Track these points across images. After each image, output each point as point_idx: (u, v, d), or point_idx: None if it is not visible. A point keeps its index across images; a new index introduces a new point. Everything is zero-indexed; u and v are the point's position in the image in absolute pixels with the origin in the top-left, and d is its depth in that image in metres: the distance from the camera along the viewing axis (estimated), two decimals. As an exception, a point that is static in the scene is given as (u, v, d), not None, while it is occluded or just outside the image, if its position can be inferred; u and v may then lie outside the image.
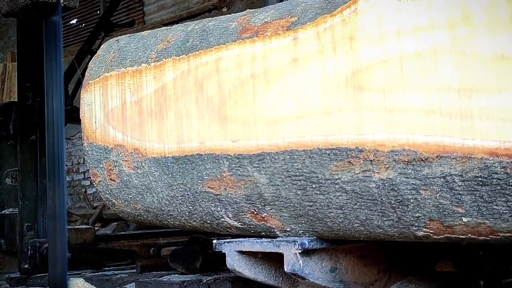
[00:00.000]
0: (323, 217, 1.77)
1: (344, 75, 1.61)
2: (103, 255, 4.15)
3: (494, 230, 1.48)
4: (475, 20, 1.41)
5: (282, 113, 1.74)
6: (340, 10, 1.64)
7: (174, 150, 2.02)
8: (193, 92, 1.96)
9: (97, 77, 2.28)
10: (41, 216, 3.90)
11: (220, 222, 2.06)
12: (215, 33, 1.97)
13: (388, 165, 1.54)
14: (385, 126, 1.54)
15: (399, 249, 2.13)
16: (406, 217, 1.60)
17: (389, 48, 1.54)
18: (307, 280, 1.90)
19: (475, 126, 1.39)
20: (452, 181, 1.46)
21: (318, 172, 1.69)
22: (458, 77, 1.42)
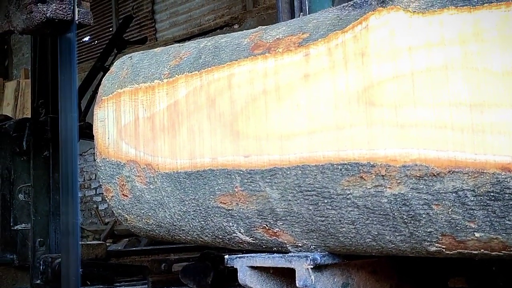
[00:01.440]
0: (335, 232, 1.78)
1: (356, 91, 1.62)
2: (114, 270, 4.17)
3: (507, 245, 1.48)
4: (486, 36, 1.42)
5: (294, 129, 1.75)
6: (351, 27, 1.66)
7: (187, 166, 2.03)
8: (205, 108, 1.98)
9: (111, 93, 2.30)
10: (53, 232, 3.93)
11: (232, 237, 2.06)
12: (227, 49, 1.99)
13: (400, 180, 1.55)
14: (396, 141, 1.54)
15: (411, 265, 2.13)
16: (418, 232, 1.60)
17: (401, 64, 1.55)
18: (319, 295, 1.90)
19: (487, 141, 1.40)
20: (464, 196, 1.46)
21: (330, 187, 1.69)
22: (470, 92, 1.43)
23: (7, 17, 3.22)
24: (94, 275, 4.00)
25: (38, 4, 2.84)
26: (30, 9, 2.90)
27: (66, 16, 2.80)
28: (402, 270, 2.15)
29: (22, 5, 3.05)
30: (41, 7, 2.82)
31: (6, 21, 3.23)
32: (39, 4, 2.83)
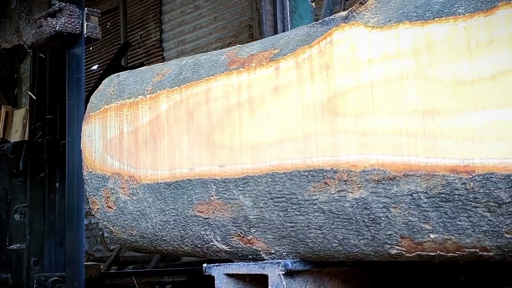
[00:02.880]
0: (304, 238, 1.86)
1: (321, 102, 1.72)
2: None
3: (460, 246, 1.56)
4: (437, 48, 1.52)
5: (265, 139, 1.85)
6: (317, 42, 1.77)
7: (167, 176, 2.12)
8: (185, 121, 2.08)
9: (98, 110, 2.41)
10: (47, 251, 4.00)
11: (209, 246, 2.14)
12: (206, 65, 2.10)
13: (360, 184, 1.64)
14: (357, 148, 1.63)
15: (384, 275, 2.20)
16: (379, 235, 1.68)
17: (361, 75, 1.65)
18: (291, 301, 1.97)
19: (438, 146, 1.49)
20: (418, 198, 1.54)
21: (297, 194, 1.78)
22: (422, 100, 1.52)
23: (17, 31, 3.33)
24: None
25: (47, 18, 2.95)
26: (40, 23, 3.00)
27: (74, 30, 2.90)
28: (376, 280, 2.22)
29: (32, 20, 3.17)
30: (51, 21, 2.92)
31: (16, 35, 3.34)
32: (49, 18, 2.94)
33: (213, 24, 8.76)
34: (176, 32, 9.36)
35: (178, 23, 9.29)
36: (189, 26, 9.09)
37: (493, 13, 1.43)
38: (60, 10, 2.96)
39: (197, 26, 8.96)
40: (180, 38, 9.31)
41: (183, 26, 9.21)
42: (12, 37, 3.46)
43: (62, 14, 2.96)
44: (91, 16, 3.03)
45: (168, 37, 9.49)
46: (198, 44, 8.98)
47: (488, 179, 1.41)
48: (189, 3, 9.19)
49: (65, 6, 2.96)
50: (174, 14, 9.36)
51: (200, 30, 8.97)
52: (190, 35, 9.15)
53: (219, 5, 8.74)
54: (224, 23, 8.60)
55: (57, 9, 2.97)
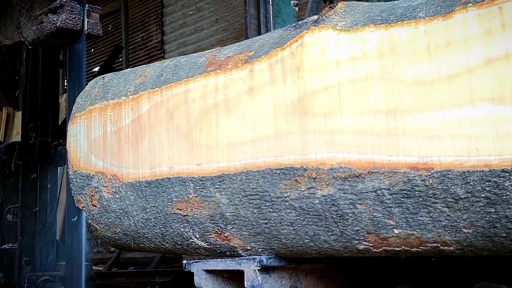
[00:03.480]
0: (278, 234, 1.92)
1: (292, 102, 1.79)
2: None
3: (422, 240, 1.62)
4: (399, 50, 1.58)
5: (240, 138, 1.91)
6: (289, 44, 1.83)
7: (147, 175, 2.18)
8: (165, 121, 2.14)
9: (83, 110, 2.47)
10: (39, 251, 4.06)
11: (189, 243, 2.20)
12: (186, 67, 2.16)
13: (328, 182, 1.70)
14: (325, 147, 1.70)
15: (360, 273, 2.26)
16: (347, 231, 1.74)
17: (330, 76, 1.71)
18: (266, 296, 2.03)
19: (399, 144, 1.55)
20: (382, 195, 1.61)
21: (270, 191, 1.84)
22: (386, 100, 1.59)
23: (18, 28, 3.35)
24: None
25: (48, 14, 2.97)
26: (41, 20, 3.01)
27: (75, 26, 2.90)
28: (352, 278, 2.28)
29: (33, 16, 3.19)
30: (52, 17, 2.92)
31: (17, 32, 3.36)
32: (50, 15, 2.96)
33: (214, 26, 8.81)
34: (178, 34, 9.41)
35: (180, 25, 9.33)
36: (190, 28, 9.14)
37: (451, 17, 1.50)
38: (61, 6, 2.97)
39: (198, 28, 9.01)
40: (181, 40, 9.35)
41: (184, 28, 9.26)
42: (13, 33, 3.48)
43: (63, 10, 2.97)
44: (92, 12, 3.04)
45: (170, 39, 9.54)
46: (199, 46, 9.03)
47: (445, 176, 1.48)
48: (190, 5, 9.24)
49: (66, 2, 2.97)
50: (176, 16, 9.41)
51: (202, 32, 9.02)
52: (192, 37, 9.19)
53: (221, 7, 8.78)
54: (226, 25, 8.63)
55: (58, 5, 2.97)
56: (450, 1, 1.53)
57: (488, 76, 1.42)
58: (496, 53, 1.41)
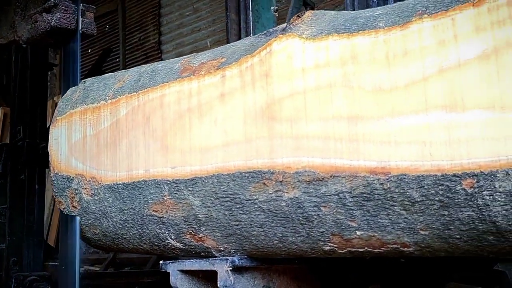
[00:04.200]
0: (248, 236, 1.98)
1: (261, 107, 1.85)
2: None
3: (383, 242, 1.68)
4: (360, 58, 1.64)
5: (211, 142, 1.97)
6: (258, 51, 1.89)
7: (124, 177, 2.24)
8: (141, 125, 2.20)
9: (64, 114, 2.53)
10: (26, 251, 4.11)
11: (165, 244, 2.26)
12: (162, 73, 2.22)
13: (294, 185, 1.76)
14: (291, 151, 1.76)
15: (332, 273, 2.32)
16: (313, 232, 1.80)
17: (296, 83, 1.77)
18: (239, 296, 2.09)
19: (360, 149, 1.61)
20: (344, 198, 1.67)
21: (240, 194, 1.90)
22: (348, 107, 1.65)
23: (12, 27, 3.34)
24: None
25: (43, 14, 2.97)
26: (35, 19, 2.99)
27: (70, 25, 2.89)
28: (325, 278, 2.34)
29: (27, 16, 3.18)
30: (46, 16, 2.90)
31: (12, 31, 3.35)
32: (44, 14, 2.95)
33: (211, 26, 8.84)
34: (175, 35, 9.42)
35: (177, 26, 9.35)
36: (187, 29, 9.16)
37: (408, 27, 1.56)
38: (56, 5, 2.97)
39: (196, 28, 9.03)
40: (178, 40, 9.35)
41: (181, 29, 9.28)
42: (7, 33, 3.48)
43: (57, 9, 2.98)
44: (87, 12, 3.03)
45: (167, 39, 9.55)
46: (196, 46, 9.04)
47: (402, 179, 1.54)
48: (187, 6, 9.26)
49: (60, 2, 2.94)
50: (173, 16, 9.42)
51: (199, 33, 9.04)
52: (189, 37, 9.22)
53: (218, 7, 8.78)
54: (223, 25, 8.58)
55: (52, 5, 2.96)
56: (408, 12, 1.59)
57: (442, 85, 1.48)
58: (449, 62, 1.47)
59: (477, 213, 1.45)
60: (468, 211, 1.46)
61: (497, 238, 1.47)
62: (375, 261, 2.17)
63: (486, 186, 1.41)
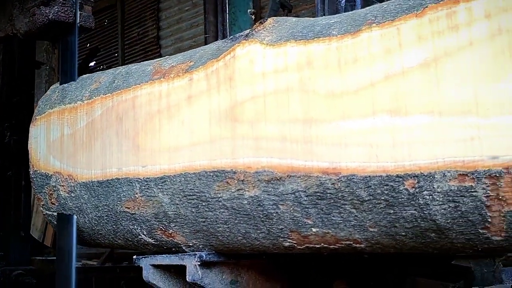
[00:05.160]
0: (215, 232, 2.07)
1: (225, 110, 1.93)
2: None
3: (337, 238, 1.77)
4: (315, 64, 1.73)
5: (179, 142, 2.06)
6: (223, 56, 1.97)
7: (99, 175, 2.33)
8: (115, 125, 2.28)
9: (43, 113, 2.62)
10: (12, 246, 4.20)
11: (138, 239, 2.35)
12: (135, 75, 2.30)
13: (254, 184, 1.85)
14: (252, 152, 1.84)
15: (299, 268, 2.41)
16: (273, 229, 1.89)
17: (257, 87, 1.86)
18: (207, 290, 2.18)
19: (314, 150, 1.70)
20: (300, 196, 1.75)
21: (205, 192, 1.99)
22: (303, 110, 1.73)
23: (10, 20, 3.34)
24: None
25: (41, 7, 2.97)
26: (33, 12, 2.98)
27: (68, 18, 2.87)
28: (293, 273, 2.43)
29: (25, 9, 3.18)
30: (44, 9, 2.89)
31: (10, 24, 3.34)
32: (42, 7, 2.95)
33: None
34: (174, 30, 9.41)
35: (176, 21, 9.34)
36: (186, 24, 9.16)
37: (358, 36, 1.65)
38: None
39: (194, 23, 9.04)
40: (177, 35, 9.33)
41: (180, 24, 9.28)
42: (5, 26, 3.51)
43: (55, 2, 2.98)
44: (85, 5, 3.02)
45: (166, 34, 9.56)
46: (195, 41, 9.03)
47: (351, 180, 1.63)
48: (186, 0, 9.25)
49: None
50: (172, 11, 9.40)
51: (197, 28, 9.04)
52: (187, 32, 9.23)
53: (217, 3, 8.76)
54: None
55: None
56: (359, 21, 1.68)
57: (387, 91, 1.57)
58: (394, 69, 1.56)
59: (419, 212, 1.54)
60: (411, 210, 1.55)
61: (438, 235, 1.56)
62: (341, 256, 2.26)
63: (426, 187, 1.49)
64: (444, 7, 1.49)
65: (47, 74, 11.00)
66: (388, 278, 2.47)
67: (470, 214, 1.46)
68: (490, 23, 1.41)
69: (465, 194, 1.44)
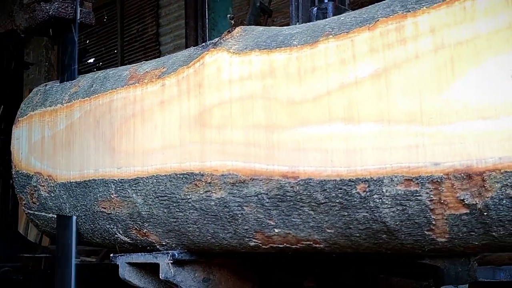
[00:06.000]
0: (185, 232, 2.15)
1: (194, 115, 2.02)
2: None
3: (298, 239, 1.86)
4: (277, 73, 1.82)
5: (152, 145, 2.14)
6: (193, 63, 2.06)
7: (77, 176, 2.41)
8: (92, 128, 2.37)
9: (25, 115, 2.70)
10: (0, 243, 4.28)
11: (115, 238, 2.44)
12: (112, 79, 2.39)
13: (220, 186, 1.93)
14: (218, 155, 1.93)
15: (271, 268, 2.50)
16: (239, 229, 1.98)
17: (224, 93, 1.94)
18: (179, 287, 2.27)
19: (275, 155, 1.79)
20: (262, 199, 1.84)
21: (176, 193, 2.08)
22: (266, 117, 1.82)
23: (10, 16, 3.37)
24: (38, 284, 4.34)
25: (41, 3, 2.98)
26: (33, 8, 2.96)
27: (68, 15, 2.86)
28: (263, 272, 2.51)
29: (25, 5, 3.20)
30: (44, 5, 2.87)
31: (10, 20, 3.36)
32: (42, 3, 2.89)
33: None
34: (173, 27, 9.43)
35: (175, 18, 9.34)
36: (185, 21, 9.17)
37: (316, 46, 1.73)
38: None
39: None
40: (176, 32, 9.34)
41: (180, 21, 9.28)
42: (5, 22, 3.55)
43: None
44: (85, 1, 3.03)
45: (165, 31, 9.59)
46: None
47: (308, 183, 1.71)
48: (186, -2, 9.27)
49: None
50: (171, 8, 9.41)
51: None
52: (185, 29, 9.25)
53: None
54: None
55: None
56: (318, 32, 1.77)
57: (342, 99, 1.65)
58: (348, 79, 1.65)
59: (371, 214, 1.63)
60: (363, 212, 1.64)
61: (389, 236, 1.65)
62: (310, 256, 2.35)
63: (375, 191, 1.58)
64: (394, 21, 1.57)
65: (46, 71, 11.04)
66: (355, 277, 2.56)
67: (416, 217, 1.55)
68: (434, 38, 1.49)
69: (411, 198, 1.53)
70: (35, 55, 11.19)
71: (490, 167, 1.38)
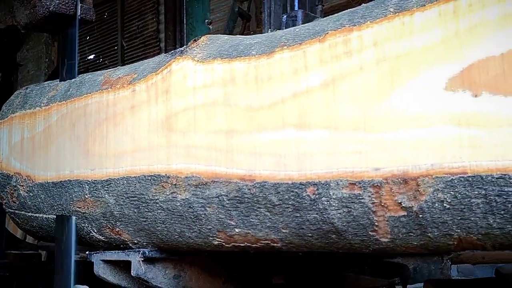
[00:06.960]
0: (155, 231, 2.25)
1: (162, 119, 2.12)
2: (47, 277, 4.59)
3: (257, 238, 1.96)
4: (237, 81, 1.91)
5: (123, 148, 2.24)
6: (161, 70, 2.16)
7: (54, 177, 2.51)
8: (68, 131, 2.47)
9: (6, 117, 2.80)
10: (-7, 243, 4.38)
11: (90, 236, 2.54)
12: (87, 84, 2.49)
13: (185, 188, 2.03)
14: (183, 158, 2.03)
15: (241, 265, 2.60)
16: (203, 229, 2.08)
17: (189, 100, 2.04)
18: (150, 283, 2.37)
19: (234, 158, 1.89)
20: (223, 200, 1.94)
21: (145, 194, 2.18)
22: (226, 122, 1.92)
23: (11, 12, 3.41)
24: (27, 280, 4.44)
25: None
26: (34, 4, 2.96)
27: (68, 10, 2.86)
28: (234, 269, 2.61)
29: (26, 1, 3.13)
30: (44, 1, 2.87)
31: (10, 15, 3.41)
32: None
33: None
34: None
35: None
36: (186, 17, 9.20)
37: (272, 56, 1.83)
38: None
39: None
40: None
41: None
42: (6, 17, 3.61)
43: None
44: None
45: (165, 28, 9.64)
46: None
47: (263, 186, 1.81)
48: (186, -5, 9.30)
49: None
50: None
51: None
52: (186, 26, 9.27)
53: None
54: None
55: None
56: (275, 42, 1.86)
57: (294, 107, 1.75)
58: (300, 88, 1.75)
59: (320, 216, 1.73)
60: (313, 214, 1.74)
61: (337, 236, 1.75)
62: (278, 254, 2.45)
63: (324, 193, 1.68)
64: (341, 34, 1.67)
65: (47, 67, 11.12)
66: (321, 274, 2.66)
67: (361, 219, 1.65)
68: (377, 50, 1.59)
69: (355, 201, 1.63)
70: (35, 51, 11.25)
71: (424, 173, 1.48)
